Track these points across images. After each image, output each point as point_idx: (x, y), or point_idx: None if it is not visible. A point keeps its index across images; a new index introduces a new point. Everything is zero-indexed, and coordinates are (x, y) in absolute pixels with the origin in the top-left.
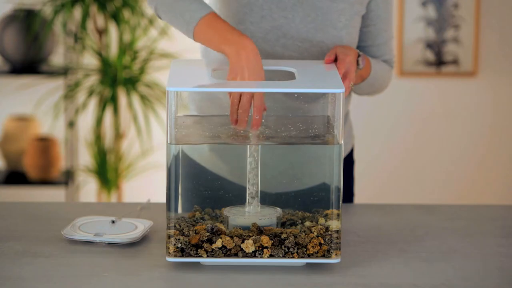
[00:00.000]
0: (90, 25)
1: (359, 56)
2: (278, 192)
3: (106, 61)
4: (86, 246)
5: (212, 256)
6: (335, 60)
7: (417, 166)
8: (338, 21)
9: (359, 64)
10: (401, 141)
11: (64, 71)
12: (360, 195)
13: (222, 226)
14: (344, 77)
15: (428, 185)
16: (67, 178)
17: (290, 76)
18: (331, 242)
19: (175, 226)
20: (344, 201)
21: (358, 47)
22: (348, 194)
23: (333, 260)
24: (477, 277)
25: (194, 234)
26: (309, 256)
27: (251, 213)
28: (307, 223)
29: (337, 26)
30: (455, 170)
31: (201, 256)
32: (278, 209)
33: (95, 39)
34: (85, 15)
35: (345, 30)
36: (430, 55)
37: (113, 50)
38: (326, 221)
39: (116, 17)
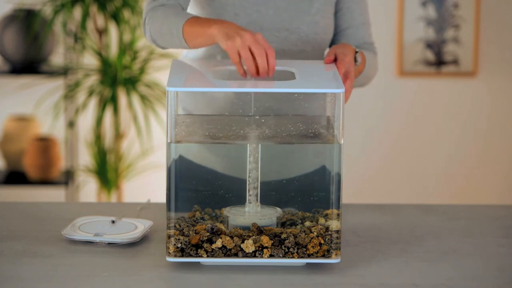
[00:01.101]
0: (90, 25)
1: (356, 52)
2: (278, 192)
3: (106, 61)
4: (86, 246)
5: (212, 256)
6: (335, 60)
7: (417, 166)
8: (311, 7)
9: (357, 61)
10: (401, 141)
11: (64, 71)
12: (360, 194)
13: (222, 226)
14: (345, 78)
15: (428, 185)
16: (67, 178)
17: (290, 76)
18: (331, 242)
19: (175, 226)
20: None
21: (336, 34)
22: None
23: (333, 260)
24: (477, 277)
25: (194, 234)
26: (309, 256)
27: (251, 213)
28: (307, 223)
29: (311, 12)
30: (454, 170)
31: (201, 256)
32: (278, 209)
33: (95, 39)
34: (85, 15)
35: (320, 15)
36: (430, 55)
37: (113, 50)
38: (326, 221)
39: (116, 17)
